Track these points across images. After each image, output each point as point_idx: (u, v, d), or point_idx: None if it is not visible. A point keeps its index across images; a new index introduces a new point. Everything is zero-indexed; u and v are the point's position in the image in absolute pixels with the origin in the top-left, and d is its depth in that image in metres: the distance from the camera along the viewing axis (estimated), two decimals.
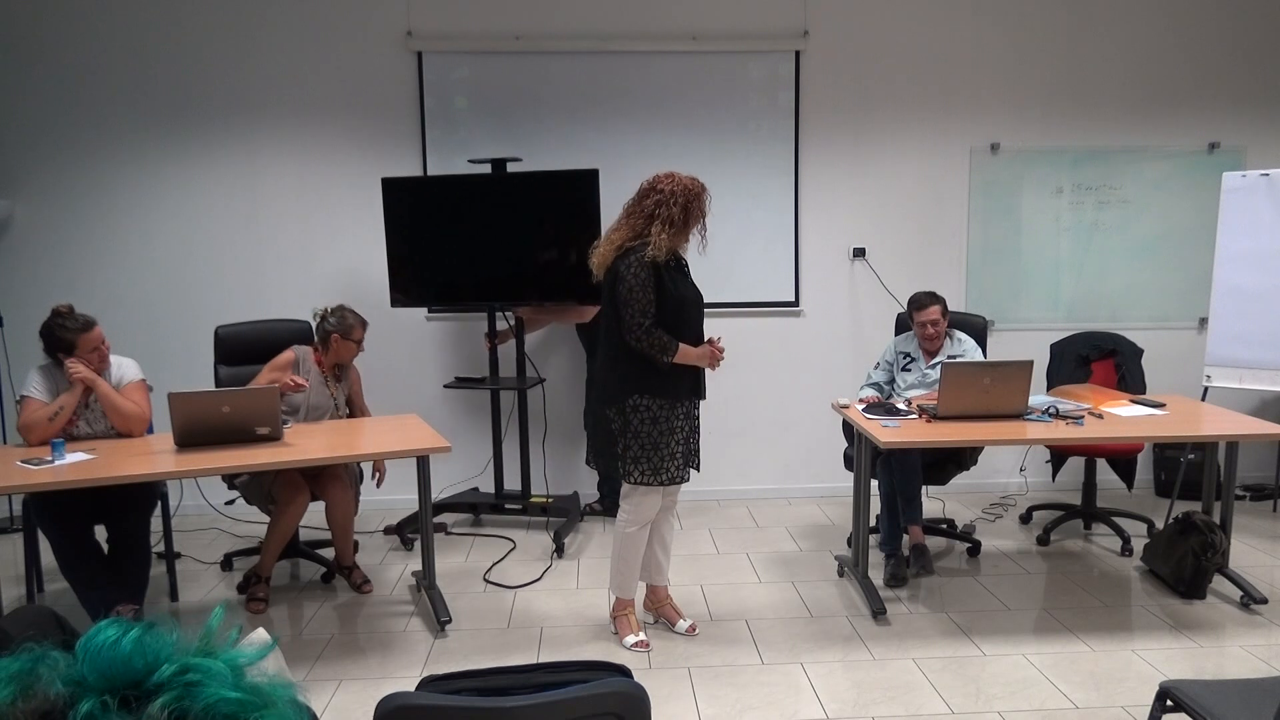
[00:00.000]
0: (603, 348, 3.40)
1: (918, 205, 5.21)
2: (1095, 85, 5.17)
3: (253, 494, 3.99)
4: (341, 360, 4.12)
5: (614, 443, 3.32)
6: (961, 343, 4.29)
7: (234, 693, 0.62)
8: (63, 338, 3.59)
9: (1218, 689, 2.14)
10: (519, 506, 4.82)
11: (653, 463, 3.29)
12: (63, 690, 0.60)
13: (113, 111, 4.90)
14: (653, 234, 3.20)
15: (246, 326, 4.34)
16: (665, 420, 3.27)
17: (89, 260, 4.97)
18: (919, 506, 4.12)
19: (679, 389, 3.29)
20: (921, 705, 2.96)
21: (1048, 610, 3.71)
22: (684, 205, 3.22)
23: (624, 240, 3.25)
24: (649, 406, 3.25)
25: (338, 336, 4.04)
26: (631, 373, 3.26)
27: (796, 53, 5.03)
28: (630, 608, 3.49)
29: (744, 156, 5.08)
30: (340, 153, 4.95)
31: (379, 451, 3.62)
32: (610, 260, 3.26)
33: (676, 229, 3.22)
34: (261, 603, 3.86)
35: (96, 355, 3.64)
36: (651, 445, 3.27)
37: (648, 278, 3.18)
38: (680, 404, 3.31)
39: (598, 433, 3.42)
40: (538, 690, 1.55)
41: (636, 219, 3.26)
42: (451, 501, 4.88)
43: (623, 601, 3.49)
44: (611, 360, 3.32)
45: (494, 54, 4.95)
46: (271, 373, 3.95)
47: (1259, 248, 4.51)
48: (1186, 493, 4.72)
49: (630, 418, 3.27)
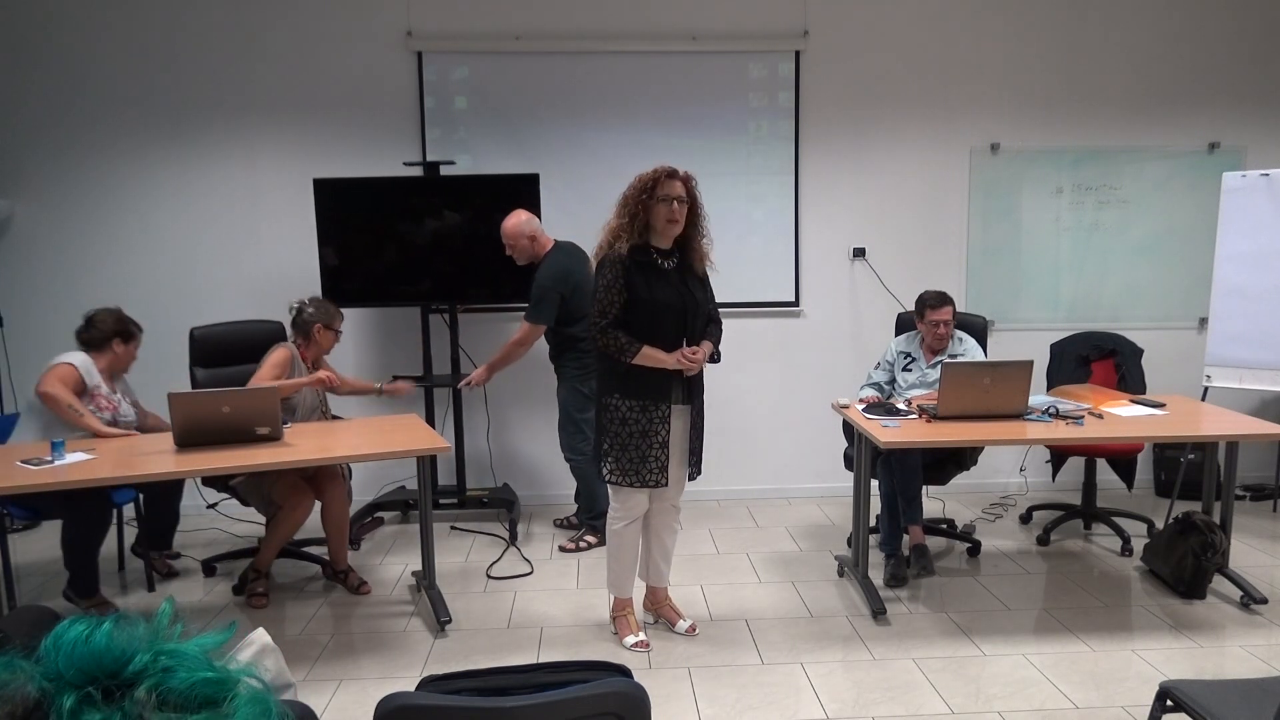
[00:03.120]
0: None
1: (918, 205, 5.21)
2: (1095, 85, 5.17)
3: (251, 494, 3.98)
4: (323, 352, 4.10)
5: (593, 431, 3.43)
6: (963, 342, 4.29)
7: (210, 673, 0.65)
8: None
9: (1218, 689, 2.14)
10: (455, 501, 4.92)
11: (621, 463, 3.29)
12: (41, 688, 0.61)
13: (113, 112, 4.90)
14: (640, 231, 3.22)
15: (222, 328, 4.32)
16: (637, 422, 3.26)
17: (89, 260, 4.97)
18: (919, 506, 4.11)
19: (651, 391, 3.26)
20: (921, 705, 2.96)
21: (1048, 610, 3.71)
22: (636, 192, 3.21)
23: (603, 239, 3.31)
24: (618, 407, 3.27)
25: (320, 326, 4.03)
26: (604, 372, 3.33)
27: (796, 53, 5.03)
28: (629, 607, 3.49)
29: (744, 156, 5.09)
30: (340, 153, 4.94)
31: (379, 451, 3.61)
32: (596, 260, 3.33)
33: (625, 220, 3.21)
34: (263, 597, 3.87)
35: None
36: (621, 446, 3.27)
37: (614, 278, 3.19)
38: (658, 407, 3.27)
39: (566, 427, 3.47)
40: (538, 690, 1.55)
41: (616, 218, 3.28)
42: (386, 500, 4.93)
43: (620, 601, 3.49)
44: (594, 359, 3.46)
45: (494, 54, 4.95)
46: (274, 370, 3.90)
47: (1259, 248, 4.51)
48: (1186, 493, 4.72)
49: (604, 416, 3.32)
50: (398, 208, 4.69)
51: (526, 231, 4.35)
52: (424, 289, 4.75)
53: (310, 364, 4.08)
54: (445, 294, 4.77)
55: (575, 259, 4.42)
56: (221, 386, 3.92)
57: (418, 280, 4.73)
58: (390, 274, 4.72)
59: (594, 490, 4.49)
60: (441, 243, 4.70)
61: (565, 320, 4.37)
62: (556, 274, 4.32)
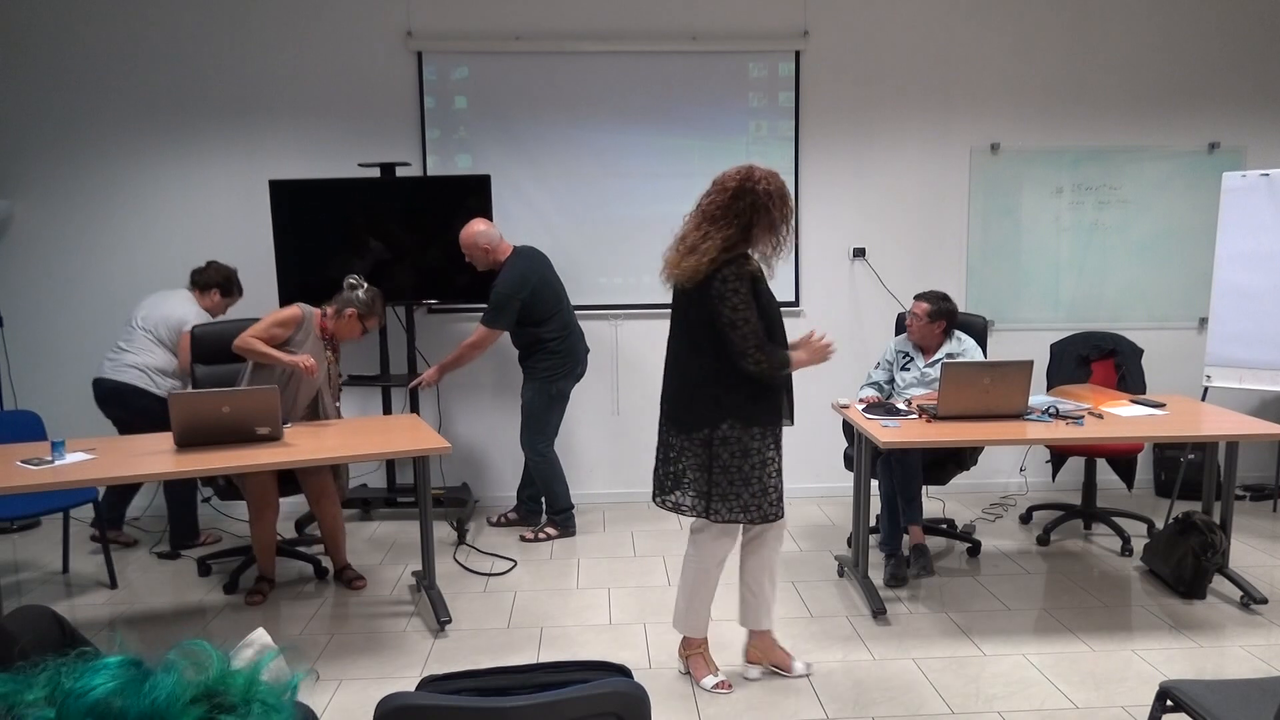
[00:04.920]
0: (679, 370, 3.02)
1: (918, 205, 5.21)
2: (1095, 85, 5.17)
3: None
4: (343, 336, 4.03)
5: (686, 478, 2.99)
6: (962, 342, 4.29)
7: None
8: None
9: (1218, 689, 2.14)
10: (412, 500, 4.89)
11: (742, 499, 2.92)
12: None
13: (113, 111, 4.90)
14: (756, 242, 2.89)
15: (223, 326, 4.30)
16: (759, 452, 2.93)
17: (89, 260, 4.97)
18: (919, 506, 4.12)
19: (769, 413, 2.97)
20: (921, 705, 2.96)
21: (1048, 610, 3.71)
22: (781, 208, 2.89)
23: (718, 250, 2.84)
24: (738, 438, 2.90)
25: (355, 313, 3.96)
26: (723, 397, 2.91)
27: (796, 53, 5.03)
28: (703, 646, 3.17)
29: (744, 156, 5.03)
30: (340, 153, 4.94)
31: (379, 452, 3.61)
32: (704, 273, 2.85)
33: (776, 235, 2.90)
34: (259, 595, 3.88)
35: None
36: (743, 480, 2.92)
37: (749, 293, 2.85)
38: (771, 431, 2.98)
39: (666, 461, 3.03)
40: (538, 690, 1.55)
41: (727, 225, 2.86)
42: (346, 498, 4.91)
43: (693, 640, 3.16)
44: (695, 384, 2.95)
45: (494, 54, 4.95)
46: (274, 327, 3.85)
47: (1259, 248, 4.51)
48: (1186, 493, 4.72)
49: (718, 450, 2.91)
50: (352, 209, 4.73)
51: (481, 243, 4.41)
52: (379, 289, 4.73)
53: (328, 337, 4.01)
54: (400, 294, 4.78)
55: (535, 262, 4.53)
56: (221, 385, 3.92)
57: (372, 280, 4.68)
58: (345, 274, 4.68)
59: (553, 488, 4.66)
60: (396, 243, 4.74)
61: (531, 321, 4.47)
62: (515, 281, 4.40)
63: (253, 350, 3.79)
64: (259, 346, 3.79)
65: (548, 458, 4.63)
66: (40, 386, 4.93)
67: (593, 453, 5.26)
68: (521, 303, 4.41)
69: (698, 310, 2.91)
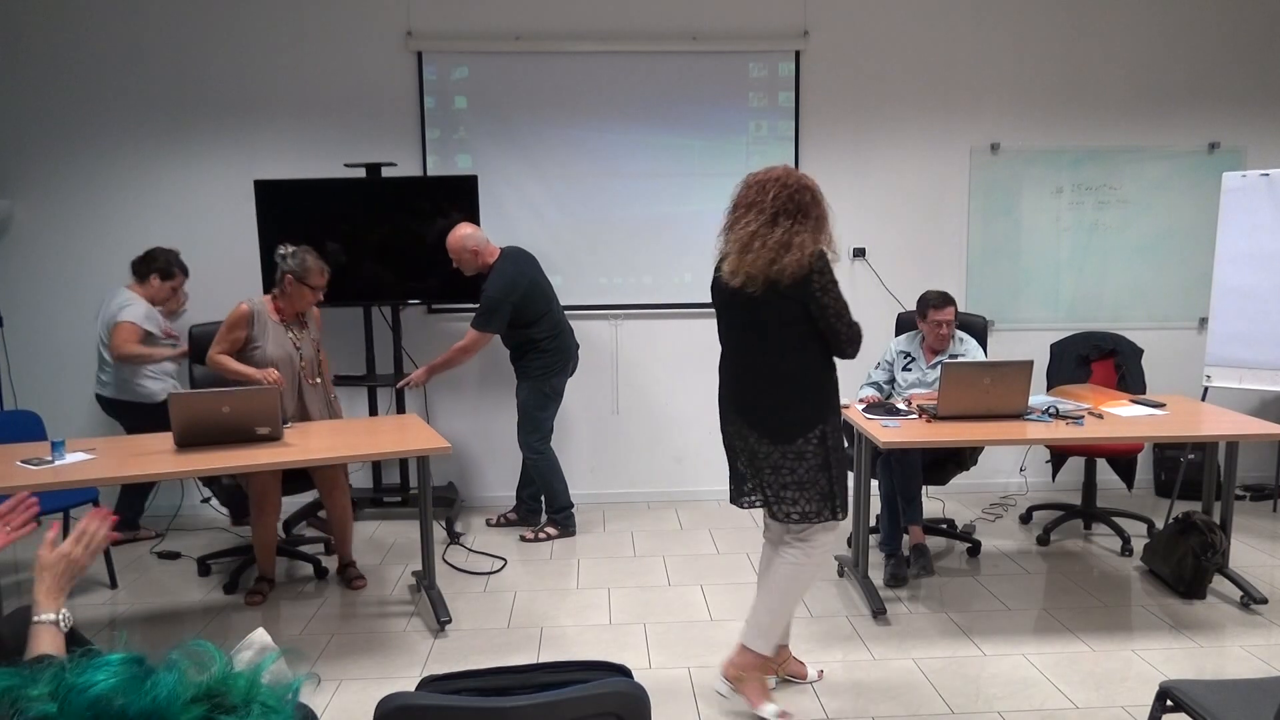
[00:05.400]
0: (766, 375, 2.88)
1: (918, 205, 5.21)
2: (1095, 85, 5.17)
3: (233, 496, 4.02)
4: (298, 307, 3.96)
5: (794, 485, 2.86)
6: (963, 342, 4.29)
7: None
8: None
9: (1218, 689, 2.14)
10: (399, 499, 4.97)
11: (843, 495, 2.92)
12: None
13: (113, 111, 4.90)
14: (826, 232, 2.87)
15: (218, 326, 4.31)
16: (842, 445, 2.95)
17: (89, 260, 4.97)
18: (919, 506, 4.12)
19: (839, 405, 2.98)
20: (921, 705, 2.96)
21: (1048, 610, 3.71)
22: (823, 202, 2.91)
23: (814, 244, 2.80)
24: (834, 434, 2.88)
25: (292, 279, 3.88)
26: (822, 399, 2.87)
27: (796, 53, 5.03)
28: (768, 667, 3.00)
29: (744, 156, 5.08)
30: (340, 153, 4.94)
31: (380, 451, 3.61)
32: (807, 268, 2.76)
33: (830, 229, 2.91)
34: (259, 595, 3.88)
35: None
36: (842, 475, 2.90)
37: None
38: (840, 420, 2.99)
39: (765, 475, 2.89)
40: (538, 690, 1.55)
41: (804, 218, 2.82)
42: None
43: (759, 659, 2.92)
44: (797, 387, 2.85)
45: (494, 54, 4.95)
46: (231, 333, 3.87)
47: (1259, 248, 4.51)
48: (1186, 493, 4.72)
49: (833, 447, 2.87)
50: (338, 209, 4.74)
51: (470, 245, 4.41)
52: (365, 289, 4.77)
53: (288, 318, 3.95)
54: (386, 294, 4.79)
55: (524, 264, 4.52)
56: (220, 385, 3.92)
57: (359, 280, 4.74)
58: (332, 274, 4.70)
59: (552, 486, 4.65)
60: (382, 243, 4.74)
61: (523, 323, 4.47)
62: (505, 285, 4.40)
63: (223, 368, 3.85)
64: (228, 364, 3.85)
65: (545, 455, 4.63)
66: (40, 386, 4.93)
67: (593, 453, 5.26)
68: (513, 306, 4.41)
69: (789, 308, 2.79)
